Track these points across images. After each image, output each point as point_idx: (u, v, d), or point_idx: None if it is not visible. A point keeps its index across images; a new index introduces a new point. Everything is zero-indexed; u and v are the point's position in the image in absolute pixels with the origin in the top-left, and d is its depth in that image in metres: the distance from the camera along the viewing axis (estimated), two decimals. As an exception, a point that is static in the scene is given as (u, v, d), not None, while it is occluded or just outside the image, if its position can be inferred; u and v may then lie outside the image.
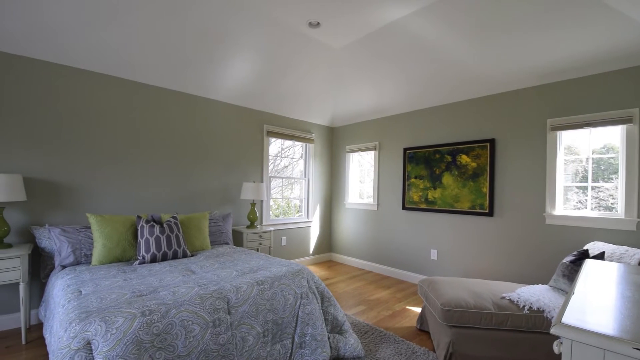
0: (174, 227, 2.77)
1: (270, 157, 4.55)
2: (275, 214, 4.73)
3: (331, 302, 2.33)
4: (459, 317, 2.17)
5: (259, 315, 1.90)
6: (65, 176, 2.84)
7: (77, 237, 2.56)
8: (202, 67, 3.20)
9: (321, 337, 2.06)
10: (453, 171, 3.65)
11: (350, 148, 4.93)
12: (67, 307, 1.67)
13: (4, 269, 2.25)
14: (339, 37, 3.01)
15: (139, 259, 2.53)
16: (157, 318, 1.56)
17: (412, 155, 4.05)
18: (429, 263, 3.89)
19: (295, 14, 2.62)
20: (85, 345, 1.39)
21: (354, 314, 2.98)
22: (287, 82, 3.76)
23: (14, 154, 2.61)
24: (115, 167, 3.10)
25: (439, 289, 2.43)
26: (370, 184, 4.78)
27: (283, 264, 2.43)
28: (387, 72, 3.47)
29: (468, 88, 3.40)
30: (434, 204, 3.81)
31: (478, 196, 3.43)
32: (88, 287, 1.91)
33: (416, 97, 3.80)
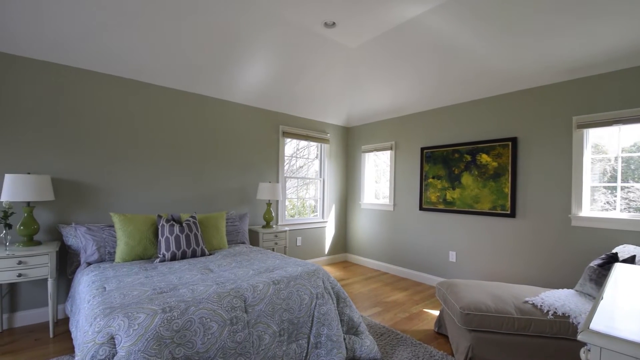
0: (193, 226, 2.83)
1: (285, 157, 4.58)
2: (290, 214, 4.75)
3: (347, 302, 2.31)
4: (479, 321, 2.11)
5: (275, 314, 1.92)
6: (90, 177, 2.96)
7: (101, 235, 2.66)
8: (219, 69, 3.26)
9: (337, 338, 2.05)
10: (473, 171, 3.56)
11: (365, 148, 4.89)
12: (92, 303, 1.74)
13: (34, 265, 2.36)
14: (354, 36, 3.00)
15: (159, 257, 2.60)
16: (177, 315, 1.59)
17: (429, 154, 3.98)
18: (447, 265, 3.81)
19: (310, 14, 2.63)
20: (109, 339, 1.44)
21: (370, 316, 2.95)
22: (303, 82, 3.78)
23: (43, 156, 2.74)
24: (137, 168, 3.20)
25: (458, 292, 2.37)
26: (386, 184, 4.73)
27: (299, 264, 2.44)
28: (404, 70, 3.43)
29: (488, 85, 3.31)
30: (453, 205, 3.72)
31: (499, 197, 3.33)
32: (112, 284, 1.98)
33: (434, 95, 3.73)
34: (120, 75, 3.08)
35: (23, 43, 2.52)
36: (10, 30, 2.38)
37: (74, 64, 2.82)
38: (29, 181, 2.41)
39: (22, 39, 2.48)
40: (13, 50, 2.56)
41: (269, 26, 2.76)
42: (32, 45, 2.55)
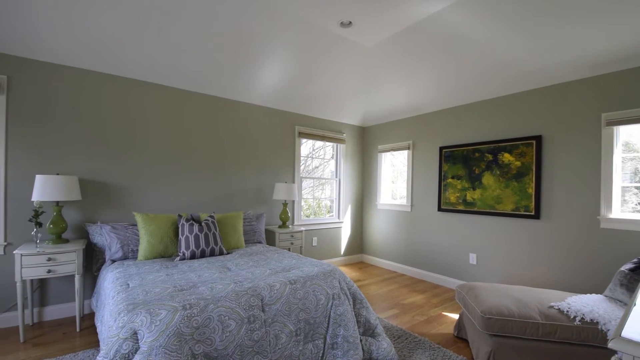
0: (212, 225, 2.88)
1: (301, 157, 4.59)
2: (306, 214, 4.77)
3: (363, 304, 2.30)
4: (501, 326, 2.05)
5: (291, 314, 1.92)
6: (115, 177, 3.07)
7: (125, 233, 2.76)
8: (236, 72, 3.31)
9: (353, 339, 2.04)
10: (494, 170, 3.45)
11: (382, 148, 4.85)
12: (116, 299, 1.80)
13: (63, 262, 2.47)
14: (371, 35, 2.97)
15: (179, 255, 2.66)
16: (197, 312, 1.63)
17: (448, 154, 3.89)
18: (467, 268, 3.71)
19: (326, 14, 2.63)
20: (132, 335, 1.48)
21: (387, 318, 2.92)
22: (319, 83, 3.78)
23: (71, 158, 2.87)
24: (159, 169, 3.30)
25: (478, 295, 2.31)
26: (403, 185, 4.66)
27: (315, 264, 2.44)
28: (422, 68, 3.37)
29: (511, 82, 3.21)
30: (473, 206, 3.63)
31: (523, 197, 3.22)
32: (135, 281, 2.05)
33: (453, 93, 3.65)
34: (144, 80, 3.18)
35: (52, 50, 2.64)
36: (40, 37, 2.51)
37: (100, 69, 2.94)
38: (58, 182, 2.53)
39: (51, 46, 2.61)
40: (43, 57, 2.69)
41: (285, 27, 2.78)
42: (61, 51, 2.67)
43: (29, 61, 2.68)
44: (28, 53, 2.64)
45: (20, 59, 2.65)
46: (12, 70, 2.62)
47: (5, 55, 2.60)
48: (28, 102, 2.69)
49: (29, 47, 2.58)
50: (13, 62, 2.63)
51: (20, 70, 2.65)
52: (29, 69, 2.69)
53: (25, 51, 2.61)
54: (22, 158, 2.67)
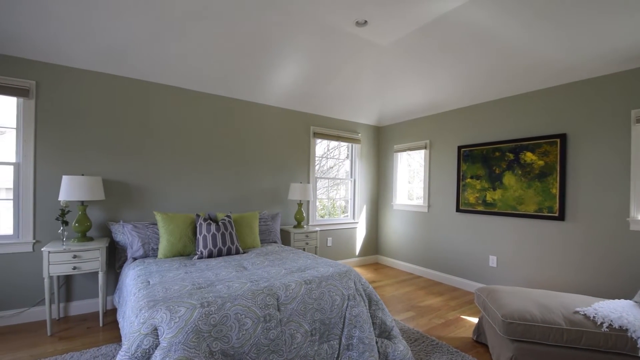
0: (228, 225, 2.92)
1: (316, 158, 4.60)
2: (320, 215, 4.76)
3: (379, 305, 2.27)
4: (523, 331, 1.98)
5: (306, 313, 1.92)
6: (136, 178, 3.17)
7: (145, 232, 2.84)
8: (252, 73, 3.34)
9: (369, 341, 2.01)
10: (516, 170, 3.34)
11: (398, 147, 4.78)
12: (138, 296, 1.86)
13: (87, 259, 2.57)
14: (387, 33, 2.94)
15: (197, 254, 2.72)
16: (214, 310, 1.65)
17: (467, 153, 3.80)
18: (487, 270, 3.61)
19: (342, 14, 2.62)
20: (152, 330, 1.52)
21: (403, 320, 2.88)
22: (334, 83, 3.77)
23: (95, 159, 2.98)
24: (178, 169, 3.38)
25: (499, 299, 2.24)
26: (420, 185, 4.59)
27: (330, 265, 2.43)
28: (440, 66, 3.31)
29: (533, 78, 3.10)
30: (494, 206, 3.52)
31: (546, 198, 3.10)
32: (155, 278, 2.10)
33: (472, 90, 3.56)
34: (164, 83, 3.26)
35: (77, 55, 2.75)
36: (66, 43, 2.61)
37: (123, 73, 3.04)
38: (83, 182, 2.63)
39: (76, 52, 2.71)
40: (69, 62, 2.81)
41: (300, 28, 2.79)
42: (86, 57, 2.78)
43: (56, 67, 2.80)
44: (55, 59, 2.75)
45: (48, 65, 2.78)
46: (40, 76, 2.75)
47: (34, 61, 2.72)
48: (55, 106, 2.81)
49: (56, 54, 2.70)
50: (41, 68, 2.75)
51: (48, 75, 2.78)
52: (56, 75, 2.81)
53: (52, 57, 2.73)
54: (50, 160, 2.79)
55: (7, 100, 2.71)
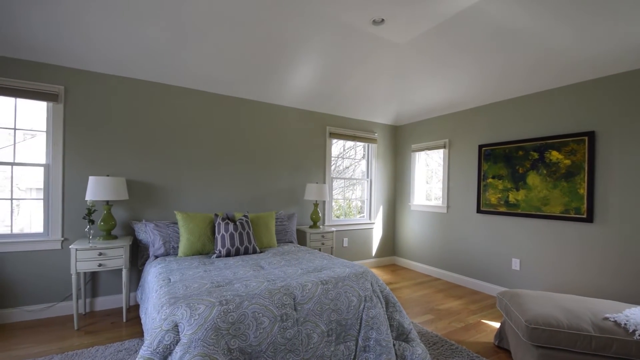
0: (245, 225, 2.96)
1: (332, 158, 4.59)
2: (336, 215, 4.74)
3: (396, 307, 2.24)
4: (549, 337, 1.90)
5: (323, 314, 1.92)
6: (158, 179, 3.26)
7: (167, 231, 2.92)
8: (270, 75, 3.38)
9: (386, 343, 1.99)
10: (540, 170, 3.22)
11: (415, 147, 4.70)
12: (159, 293, 1.91)
13: (112, 257, 2.66)
14: (404, 31, 2.90)
15: (216, 253, 2.77)
16: (232, 308, 1.68)
17: (489, 152, 3.69)
18: (509, 274, 3.49)
19: (358, 13, 2.60)
20: (173, 327, 1.56)
21: (421, 323, 2.82)
22: (350, 83, 3.76)
23: (119, 160, 3.09)
24: (197, 170, 3.46)
25: (523, 304, 2.16)
26: (438, 185, 4.49)
27: (346, 265, 2.42)
28: (459, 63, 3.23)
29: (559, 74, 2.97)
30: (517, 207, 3.40)
31: (573, 199, 2.97)
32: (175, 276, 2.16)
33: (494, 88, 3.45)
34: (184, 86, 3.35)
35: (103, 61, 2.86)
36: (93, 50, 2.72)
37: (145, 77, 3.14)
38: (108, 182, 2.73)
39: (102, 58, 2.82)
40: (95, 68, 2.93)
41: (317, 29, 2.79)
42: (110, 62, 2.89)
43: (82, 72, 2.93)
44: (82, 65, 2.88)
45: (75, 70, 2.90)
46: (68, 81, 2.87)
47: (63, 67, 2.85)
48: (82, 110, 2.93)
49: (83, 60, 2.82)
50: (69, 74, 2.88)
51: (75, 81, 2.90)
52: (82, 80, 2.93)
53: (79, 63, 2.85)
54: (77, 161, 2.92)
55: (37, 104, 2.85)
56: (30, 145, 3.00)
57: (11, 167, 2.76)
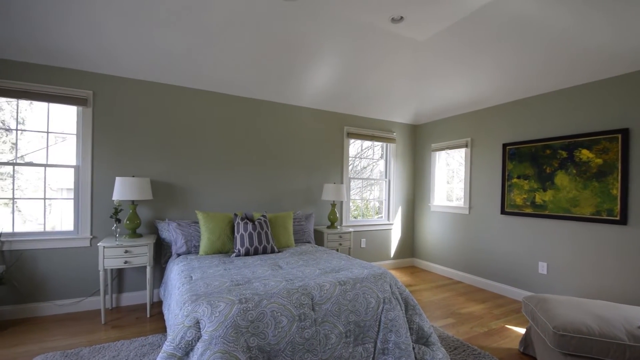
0: (264, 224, 2.99)
1: (349, 158, 4.56)
2: (353, 215, 4.71)
3: (416, 310, 2.19)
4: (578, 345, 1.81)
5: (341, 315, 1.91)
6: (180, 179, 3.35)
7: (188, 230, 2.99)
8: (287, 76, 3.40)
9: (405, 346, 1.95)
10: (569, 169, 3.07)
11: (436, 146, 4.60)
12: (182, 290, 1.96)
13: (137, 254, 2.76)
14: (423, 29, 2.84)
15: (235, 252, 2.81)
16: (252, 306, 1.69)
17: (513, 151, 3.56)
18: (535, 278, 3.35)
19: (377, 11, 2.57)
20: (195, 323, 1.60)
21: (442, 327, 2.75)
22: (368, 82, 3.72)
23: (144, 162, 3.20)
24: (217, 170, 3.53)
25: (550, 309, 2.06)
26: (460, 185, 4.38)
27: (364, 266, 2.39)
28: (482, 60, 3.13)
29: (589, 68, 2.83)
30: (544, 209, 3.26)
31: (605, 200, 2.81)
32: (197, 274, 2.21)
33: (519, 84, 3.33)
34: (204, 89, 3.43)
35: (129, 66, 2.97)
36: (120, 55, 2.83)
37: (168, 81, 3.23)
38: (134, 183, 2.83)
39: (128, 63, 2.93)
40: (122, 73, 3.04)
41: (333, 28, 2.78)
42: (136, 67, 2.99)
43: (109, 77, 3.05)
44: (109, 70, 3.00)
45: (103, 76, 3.03)
46: (96, 86, 3.01)
47: (91, 73, 2.99)
48: (108, 114, 3.06)
49: (110, 65, 2.94)
50: (97, 79, 3.01)
51: (103, 85, 3.03)
52: (109, 84, 3.06)
53: (106, 68, 2.98)
54: (105, 162, 3.05)
55: (68, 109, 3.00)
56: (61, 148, 3.16)
57: (44, 168, 2.91)
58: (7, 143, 3.23)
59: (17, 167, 2.91)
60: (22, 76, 2.75)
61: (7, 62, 2.71)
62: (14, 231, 2.80)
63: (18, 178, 2.92)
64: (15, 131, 2.93)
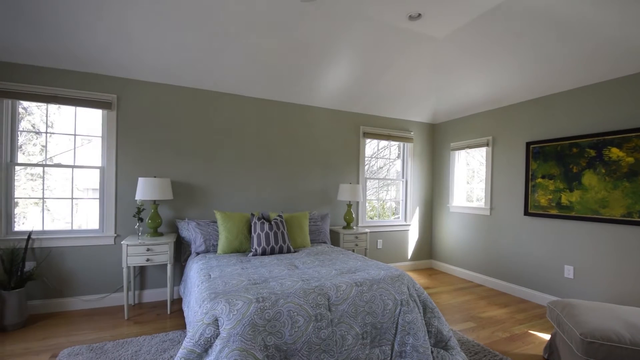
0: (280, 224, 3.01)
1: (365, 158, 4.52)
2: (369, 216, 4.66)
3: (435, 313, 2.15)
4: (607, 353, 1.72)
5: (357, 316, 1.89)
6: (199, 179, 3.43)
7: (207, 229, 3.05)
8: (303, 76, 3.41)
9: (423, 350, 1.91)
10: (598, 169, 2.92)
11: (455, 145, 4.50)
12: (201, 288, 2.00)
13: (159, 252, 2.83)
14: (442, 26, 2.78)
15: (252, 251, 2.84)
16: (269, 305, 1.71)
17: (538, 150, 3.42)
18: (561, 282, 3.21)
19: (394, 8, 2.54)
20: (214, 321, 1.62)
21: (461, 331, 2.68)
22: (385, 81, 3.68)
23: (164, 163, 3.29)
24: (234, 171, 3.58)
25: (577, 315, 1.97)
26: (480, 185, 4.26)
27: (381, 267, 2.36)
28: (504, 56, 3.03)
29: (619, 62, 2.68)
30: (571, 210, 3.12)
31: (637, 200, 2.66)
32: (215, 272, 2.24)
33: (544, 81, 3.20)
34: (221, 91, 3.49)
35: (150, 70, 3.06)
36: (141, 61, 2.92)
37: (186, 84, 3.31)
38: (155, 183, 2.92)
39: (149, 68, 3.02)
40: (143, 77, 3.14)
41: (351, 27, 2.77)
42: (157, 72, 3.08)
43: (132, 81, 3.16)
44: (131, 74, 3.10)
45: (126, 80, 3.14)
46: (120, 90, 3.12)
47: (115, 77, 3.10)
48: (131, 116, 3.16)
49: (132, 70, 3.04)
50: (121, 83, 3.12)
51: (126, 89, 3.14)
52: (132, 88, 3.16)
53: (129, 73, 3.08)
54: (128, 163, 3.15)
55: (93, 112, 3.12)
56: (87, 150, 3.30)
57: (72, 169, 3.04)
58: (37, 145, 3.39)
59: (47, 168, 3.06)
60: (52, 81, 2.89)
61: (38, 68, 2.85)
62: (44, 229, 2.94)
63: (47, 179, 3.06)
64: (45, 134, 3.08)
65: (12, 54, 2.70)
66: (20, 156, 2.98)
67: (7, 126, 2.80)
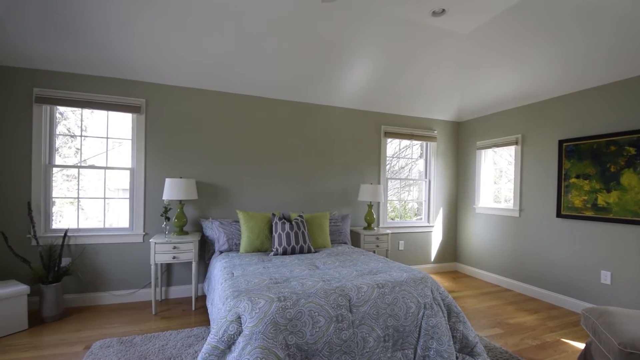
0: (301, 224, 3.02)
1: (387, 158, 4.46)
2: (390, 217, 4.59)
3: (460, 318, 2.08)
4: (654, 367, 1.59)
5: (379, 318, 1.86)
6: (222, 180, 3.51)
7: (230, 229, 3.11)
8: (323, 77, 3.40)
9: (448, 355, 1.86)
10: (638, 168, 2.73)
11: (481, 144, 4.34)
12: (224, 285, 2.04)
13: (184, 250, 2.93)
14: (468, 21, 2.69)
15: (273, 251, 2.87)
16: (290, 305, 1.71)
17: (571, 148, 3.24)
18: (597, 288, 3.02)
19: (417, 5, 2.48)
20: (237, 318, 1.65)
21: (488, 337, 2.58)
22: (407, 80, 3.61)
23: (190, 164, 3.39)
24: (257, 171, 3.64)
25: (616, 323, 1.84)
26: (509, 186, 4.08)
27: (403, 269, 2.32)
28: (534, 50, 2.89)
29: (662, 55, 2.49)
30: (608, 212, 2.93)
31: (683, 203, 2.46)
32: (238, 271, 2.29)
33: (577, 75, 3.03)
34: (244, 93, 3.56)
35: (176, 75, 3.17)
36: (168, 66, 3.03)
37: (211, 87, 3.40)
38: (181, 184, 3.02)
39: (175, 72, 3.13)
40: (170, 81, 3.26)
41: (372, 25, 2.74)
42: (181, 76, 3.18)
43: (160, 86, 3.28)
44: (159, 79, 3.22)
45: (154, 85, 3.26)
46: (148, 94, 3.24)
47: (144, 82, 3.23)
48: (159, 120, 3.29)
49: (160, 74, 3.15)
50: (149, 88, 3.25)
51: (154, 93, 3.27)
52: (160, 92, 3.29)
53: (157, 78, 3.20)
54: (156, 165, 3.28)
55: (124, 116, 3.26)
56: (118, 152, 3.46)
57: (104, 171, 3.20)
58: (72, 148, 3.59)
59: (81, 169, 3.23)
60: (86, 87, 3.05)
61: (74, 75, 3.03)
62: (79, 227, 3.11)
63: (81, 179, 3.24)
64: (80, 137, 3.26)
65: (52, 62, 2.87)
66: (57, 158, 3.17)
67: (46, 130, 2.99)
